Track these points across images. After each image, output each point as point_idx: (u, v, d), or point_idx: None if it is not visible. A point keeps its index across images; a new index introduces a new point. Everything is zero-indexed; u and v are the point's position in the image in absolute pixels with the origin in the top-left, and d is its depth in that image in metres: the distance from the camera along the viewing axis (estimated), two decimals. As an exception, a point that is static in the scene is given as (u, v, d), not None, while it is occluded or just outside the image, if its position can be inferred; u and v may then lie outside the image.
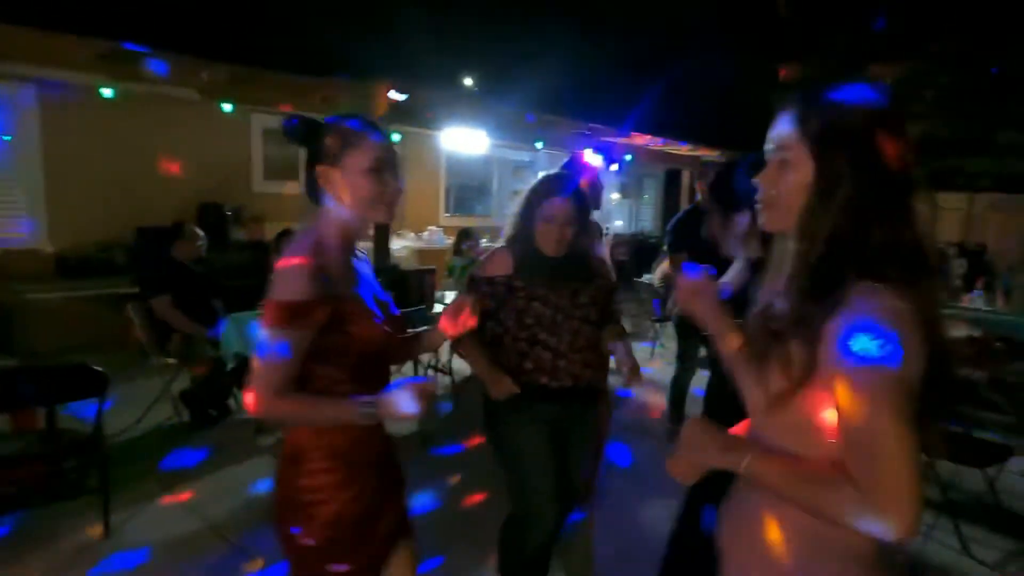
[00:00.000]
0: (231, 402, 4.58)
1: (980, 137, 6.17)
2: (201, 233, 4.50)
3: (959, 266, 8.74)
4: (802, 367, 0.99)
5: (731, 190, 2.12)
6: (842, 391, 0.94)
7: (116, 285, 5.57)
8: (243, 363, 4.29)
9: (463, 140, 8.14)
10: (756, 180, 1.11)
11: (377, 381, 1.48)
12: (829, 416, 0.99)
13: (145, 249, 5.47)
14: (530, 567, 2.28)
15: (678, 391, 4.40)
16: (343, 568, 1.48)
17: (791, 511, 1.04)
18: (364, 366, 1.48)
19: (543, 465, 2.19)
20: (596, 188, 3.56)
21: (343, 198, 1.45)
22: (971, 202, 12.29)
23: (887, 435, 0.90)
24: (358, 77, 4.45)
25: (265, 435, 4.16)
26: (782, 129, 1.07)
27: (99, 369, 2.85)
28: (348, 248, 1.52)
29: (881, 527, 0.90)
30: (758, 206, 1.13)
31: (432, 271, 5.16)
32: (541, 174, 2.33)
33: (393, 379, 1.52)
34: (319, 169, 1.46)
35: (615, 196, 13.08)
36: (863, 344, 0.92)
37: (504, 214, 11.99)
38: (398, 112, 4.53)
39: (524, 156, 11.25)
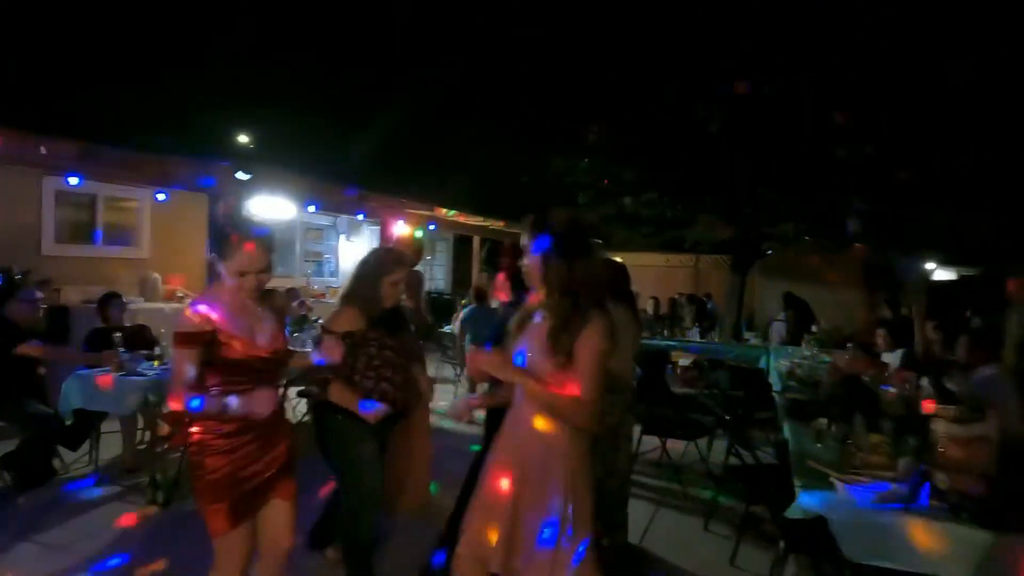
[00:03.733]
0: (56, 462, 4.58)
1: (689, 217, 8.37)
2: (40, 295, 4.55)
3: (689, 311, 11.07)
4: (567, 352, 1.97)
5: (494, 261, 3.80)
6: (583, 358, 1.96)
7: None
8: (82, 418, 4.43)
9: (273, 206, 8.61)
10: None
11: (256, 382, 2.23)
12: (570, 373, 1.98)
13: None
14: (366, 552, 2.88)
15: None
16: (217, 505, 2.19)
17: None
18: (240, 371, 2.19)
19: (376, 471, 2.83)
20: None
21: (224, 276, 2.23)
22: (698, 261, 15.34)
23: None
24: (196, 156, 4.96)
25: (105, 484, 4.34)
26: (526, 234, 2.10)
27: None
28: (237, 297, 2.24)
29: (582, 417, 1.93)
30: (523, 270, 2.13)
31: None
32: (374, 245, 3.23)
33: None
34: (214, 255, 2.23)
35: (412, 258, 14.11)
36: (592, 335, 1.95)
37: (305, 272, 12.26)
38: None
39: (324, 220, 11.86)
